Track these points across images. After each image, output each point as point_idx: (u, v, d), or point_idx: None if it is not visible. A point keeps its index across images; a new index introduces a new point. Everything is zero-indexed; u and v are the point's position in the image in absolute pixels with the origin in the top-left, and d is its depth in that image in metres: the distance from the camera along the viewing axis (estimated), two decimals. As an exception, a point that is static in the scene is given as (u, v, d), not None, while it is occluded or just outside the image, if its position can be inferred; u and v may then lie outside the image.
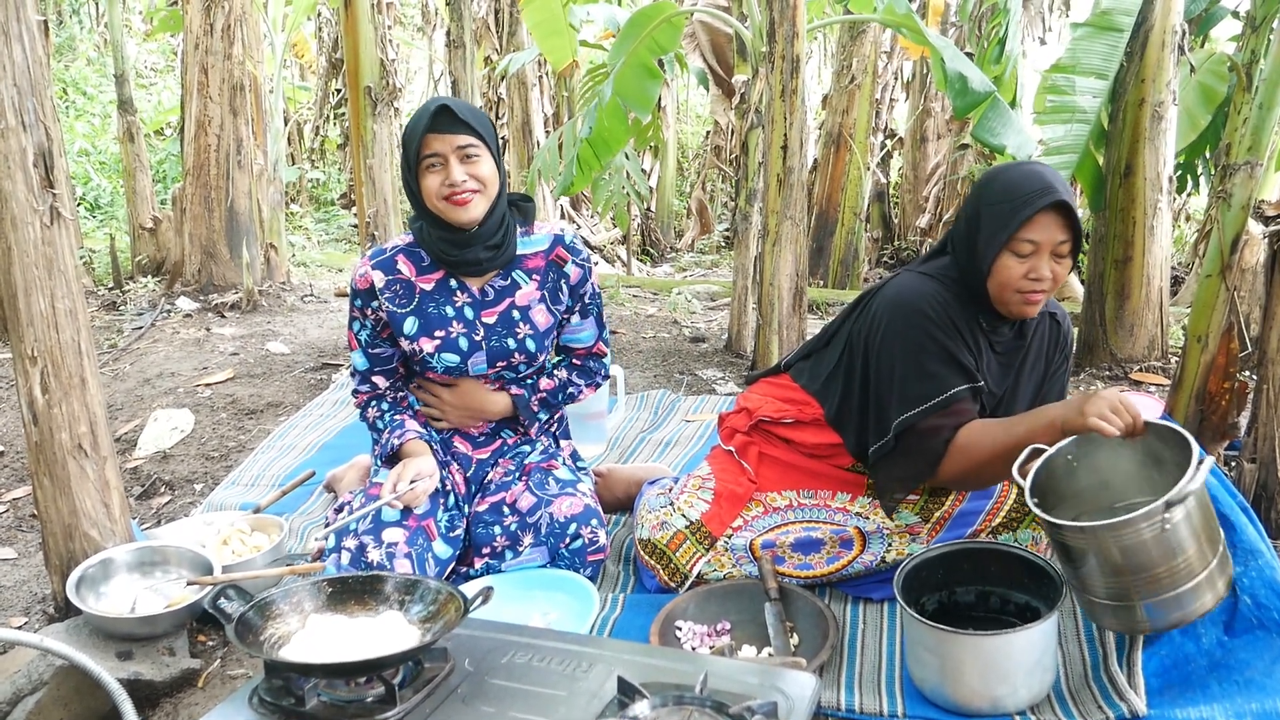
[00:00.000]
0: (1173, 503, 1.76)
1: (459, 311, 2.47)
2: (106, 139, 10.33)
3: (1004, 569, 2.08)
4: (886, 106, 7.57)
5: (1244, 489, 2.69)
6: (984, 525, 2.34)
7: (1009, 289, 2.15)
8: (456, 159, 2.31)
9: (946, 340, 2.19)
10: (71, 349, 2.27)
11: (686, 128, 12.12)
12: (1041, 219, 2.11)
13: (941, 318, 2.20)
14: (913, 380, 2.19)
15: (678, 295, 6.23)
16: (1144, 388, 3.95)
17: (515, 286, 2.51)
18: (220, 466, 3.48)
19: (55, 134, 2.23)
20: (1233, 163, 2.90)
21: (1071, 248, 2.14)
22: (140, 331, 5.30)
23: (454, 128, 2.30)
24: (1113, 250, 4.19)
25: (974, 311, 2.25)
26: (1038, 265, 2.12)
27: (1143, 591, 1.82)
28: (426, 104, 2.34)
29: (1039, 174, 2.14)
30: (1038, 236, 2.11)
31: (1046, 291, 2.15)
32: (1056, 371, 2.41)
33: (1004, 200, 2.14)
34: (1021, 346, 2.33)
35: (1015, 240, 2.12)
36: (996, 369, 2.30)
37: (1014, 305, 2.18)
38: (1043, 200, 2.09)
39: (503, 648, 1.71)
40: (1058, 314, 2.39)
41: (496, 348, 2.49)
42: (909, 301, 2.23)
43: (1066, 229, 2.12)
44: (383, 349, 2.52)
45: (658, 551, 2.41)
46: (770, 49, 3.87)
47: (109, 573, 2.36)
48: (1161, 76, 4.00)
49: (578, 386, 2.67)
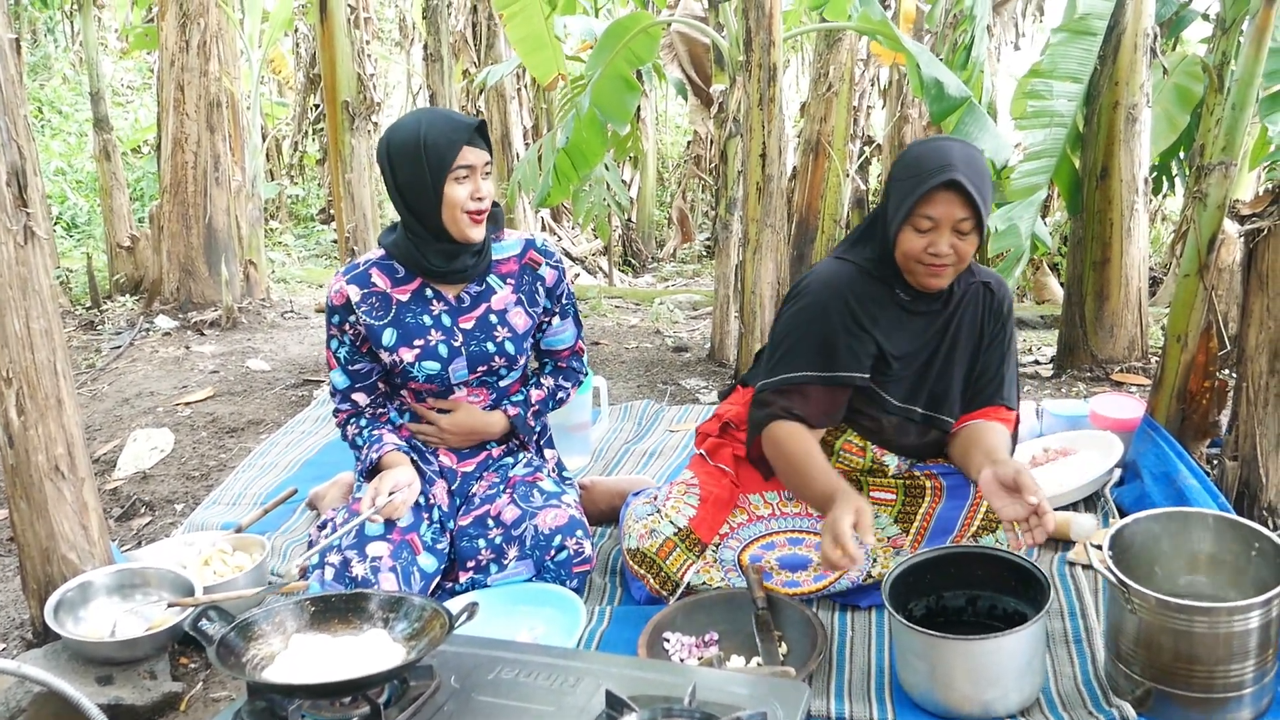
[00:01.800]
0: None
1: (436, 319, 2.47)
2: (83, 157, 10.26)
3: (991, 573, 2.08)
4: (864, 113, 7.59)
5: (1226, 487, 2.69)
6: (962, 532, 2.36)
7: (912, 261, 2.21)
8: (480, 174, 2.37)
9: (826, 326, 2.28)
10: (47, 369, 2.25)
11: (666, 138, 12.13)
12: (939, 196, 2.14)
13: (836, 304, 2.28)
14: (779, 356, 2.33)
15: (660, 305, 6.23)
16: (1125, 388, 3.97)
17: (490, 291, 2.51)
18: (201, 486, 3.45)
19: (29, 152, 2.21)
20: (1207, 163, 2.92)
21: (975, 224, 2.15)
22: (119, 351, 5.26)
23: (484, 145, 2.39)
24: (1091, 252, 4.21)
25: (890, 285, 2.30)
26: (937, 241, 2.17)
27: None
28: (444, 115, 2.39)
29: (942, 151, 2.17)
30: (935, 213, 2.15)
31: (949, 265, 2.19)
32: (992, 342, 2.40)
33: (906, 176, 2.20)
34: (944, 313, 2.35)
35: (914, 216, 2.17)
36: (912, 334, 2.33)
37: (920, 277, 2.24)
38: (937, 179, 2.12)
39: (489, 664, 1.70)
40: (992, 283, 2.40)
41: (476, 352, 2.48)
42: (812, 286, 2.35)
43: (966, 206, 2.13)
44: (362, 365, 2.50)
45: (647, 560, 2.40)
46: (747, 58, 3.87)
47: (88, 596, 2.33)
48: (1135, 79, 4.02)
49: (565, 390, 2.70)
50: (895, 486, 2.46)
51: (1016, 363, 2.45)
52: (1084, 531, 2.55)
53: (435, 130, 2.35)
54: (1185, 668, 1.81)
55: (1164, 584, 2.03)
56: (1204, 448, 3.01)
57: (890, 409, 2.38)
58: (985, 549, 2.17)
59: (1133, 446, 2.96)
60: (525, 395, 2.62)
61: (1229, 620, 1.78)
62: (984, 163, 2.21)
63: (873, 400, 2.37)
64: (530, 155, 5.74)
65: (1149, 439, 2.90)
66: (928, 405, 2.39)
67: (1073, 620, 2.22)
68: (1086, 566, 2.42)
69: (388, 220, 8.84)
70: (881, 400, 2.37)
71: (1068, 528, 2.57)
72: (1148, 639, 1.84)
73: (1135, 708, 1.87)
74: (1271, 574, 1.89)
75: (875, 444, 2.44)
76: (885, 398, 2.36)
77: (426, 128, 2.35)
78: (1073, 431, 3.15)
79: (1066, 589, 2.36)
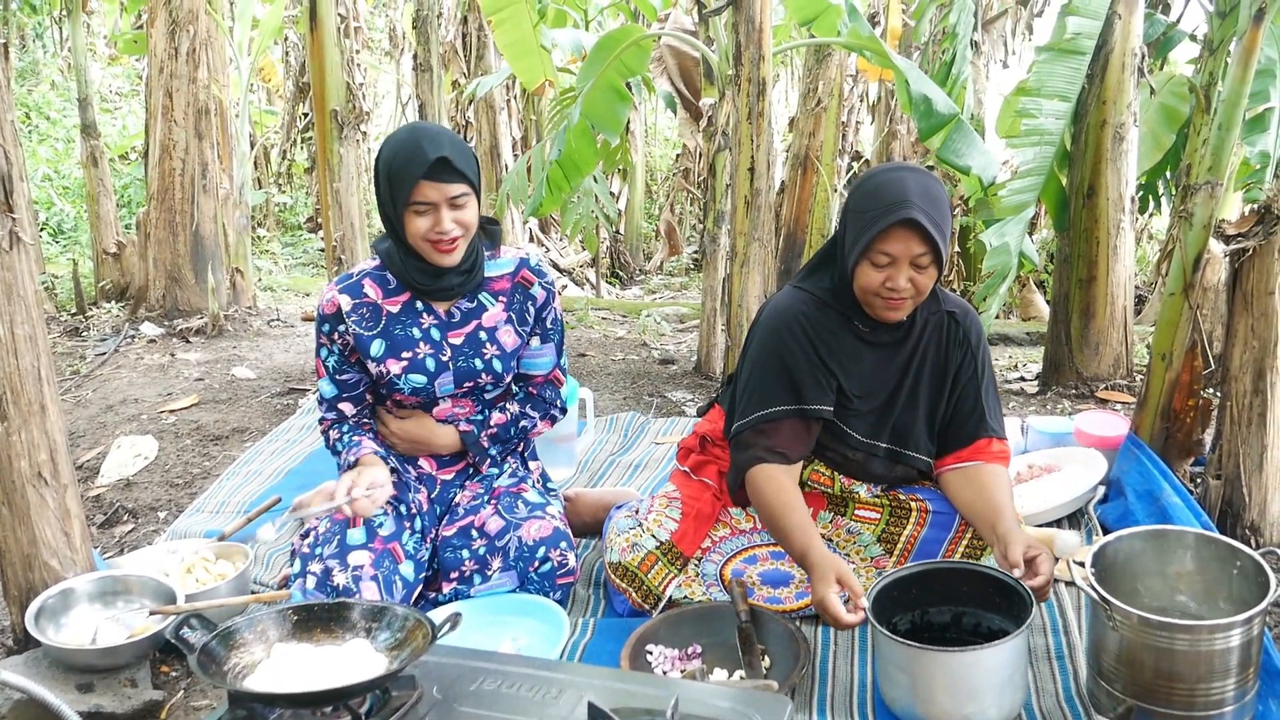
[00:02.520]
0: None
1: (425, 333, 2.46)
2: (70, 164, 10.22)
3: (975, 589, 2.09)
4: (853, 129, 7.62)
5: (1209, 506, 2.71)
6: (947, 555, 2.36)
7: (869, 294, 2.18)
8: (447, 207, 2.29)
9: (789, 359, 2.26)
10: (31, 375, 2.24)
11: (655, 151, 12.16)
12: (896, 232, 2.09)
13: (794, 336, 2.26)
14: (748, 393, 2.31)
15: (647, 318, 6.23)
16: (1110, 406, 3.98)
17: (482, 309, 2.50)
18: (184, 493, 3.44)
19: (15, 157, 2.21)
20: (1193, 183, 2.94)
21: (934, 259, 2.12)
22: (103, 357, 5.23)
23: (450, 177, 2.27)
24: (1077, 270, 4.23)
25: (848, 316, 2.28)
26: (894, 276, 2.13)
27: None
28: (417, 142, 2.27)
29: (899, 184, 2.11)
30: (893, 249, 2.11)
31: (908, 299, 2.17)
32: (966, 373, 2.34)
33: (862, 209, 2.16)
34: (906, 345, 2.32)
35: (872, 251, 2.13)
36: (871, 367, 2.31)
37: (878, 309, 2.22)
38: (894, 216, 2.08)
39: (471, 674, 1.69)
40: (956, 312, 2.36)
41: (464, 368, 2.47)
42: (769, 318, 2.33)
43: (924, 242, 2.10)
44: (350, 375, 2.49)
45: (629, 574, 2.39)
46: (737, 72, 3.89)
47: (69, 603, 2.32)
48: (1122, 98, 4.05)
49: (531, 419, 2.62)
50: (880, 505, 2.45)
51: (996, 392, 2.41)
52: (1067, 548, 2.56)
53: (399, 159, 2.29)
54: (1167, 685, 1.82)
55: (1146, 601, 2.04)
56: (1188, 466, 3.03)
57: (854, 444, 2.35)
58: (972, 565, 2.17)
59: (1116, 464, 2.97)
60: (485, 416, 2.58)
61: (1210, 638, 1.78)
62: (942, 194, 2.17)
63: (836, 436, 2.34)
64: (519, 166, 5.74)
65: (1133, 457, 2.91)
66: (892, 441, 2.36)
67: (1055, 637, 2.23)
68: (1069, 583, 2.42)
69: (375, 229, 8.84)
70: (844, 435, 2.33)
71: (1051, 544, 2.58)
72: (1129, 656, 1.85)
73: None
74: (1253, 592, 1.90)
75: (843, 475, 2.43)
76: (848, 432, 2.33)
77: (395, 153, 2.30)
78: (1057, 448, 3.16)
79: (1050, 605, 2.36)
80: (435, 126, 2.38)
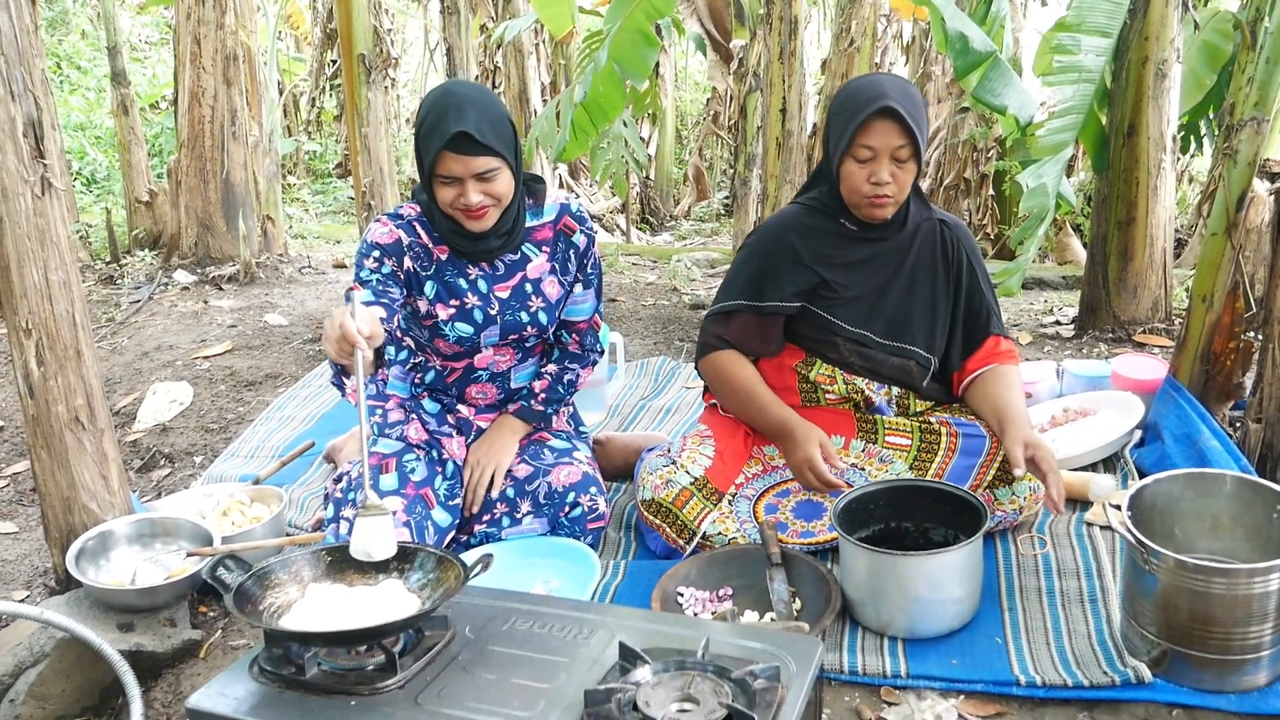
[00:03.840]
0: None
1: (473, 285, 2.43)
2: (101, 113, 10.26)
3: (937, 505, 2.21)
4: (886, 69, 7.50)
5: (1249, 450, 2.67)
6: (978, 480, 2.36)
7: (855, 193, 2.32)
8: (473, 181, 2.22)
9: (762, 262, 2.44)
10: (66, 321, 2.25)
11: (685, 95, 12.03)
12: (876, 125, 2.23)
13: (774, 239, 2.44)
14: (720, 291, 2.52)
15: (677, 263, 6.20)
16: (1147, 349, 3.93)
17: (526, 260, 2.47)
18: (219, 438, 3.47)
19: (46, 104, 2.20)
20: (1238, 120, 2.86)
21: (913, 152, 2.25)
22: (138, 305, 5.28)
23: (473, 149, 2.18)
24: (1115, 211, 4.15)
25: (838, 223, 2.42)
26: (877, 169, 2.26)
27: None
28: (444, 109, 2.18)
29: (875, 83, 2.28)
30: (873, 142, 2.24)
31: (891, 196, 2.30)
32: (968, 278, 2.48)
33: (842, 110, 2.30)
34: (896, 240, 2.44)
35: (854, 146, 2.26)
36: (860, 260, 2.43)
37: (864, 209, 2.35)
38: (872, 106, 2.21)
39: (503, 615, 1.70)
40: (948, 220, 2.50)
41: (510, 321, 2.46)
42: (761, 227, 2.53)
43: (903, 134, 2.22)
44: (393, 290, 2.33)
45: (663, 510, 2.40)
46: (768, 10, 3.82)
47: (109, 545, 2.36)
48: (1165, 34, 3.94)
49: (574, 371, 2.62)
50: (910, 430, 2.46)
51: (993, 293, 2.54)
52: (1102, 492, 2.53)
53: (426, 125, 2.22)
54: (1202, 629, 1.80)
55: (1183, 545, 2.02)
56: (1227, 410, 2.98)
57: (843, 333, 2.44)
58: (929, 482, 2.28)
59: (1154, 408, 2.93)
60: (527, 389, 2.58)
61: (1248, 582, 1.76)
62: (917, 93, 2.31)
63: (826, 328, 2.44)
64: (548, 111, 5.69)
65: (1171, 400, 2.87)
66: (887, 334, 2.45)
67: (1089, 580, 2.21)
68: (1105, 527, 2.41)
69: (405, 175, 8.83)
70: (832, 325, 2.43)
71: (1086, 488, 2.56)
72: (1165, 600, 1.83)
73: (1150, 668, 1.87)
74: None
75: (845, 371, 2.48)
76: (836, 322, 2.43)
77: (424, 118, 2.22)
78: (1093, 392, 3.12)
79: (1083, 549, 2.35)
80: (469, 89, 2.26)
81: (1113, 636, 2.00)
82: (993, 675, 1.92)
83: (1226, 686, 1.83)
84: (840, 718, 1.86)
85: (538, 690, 1.49)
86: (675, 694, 1.42)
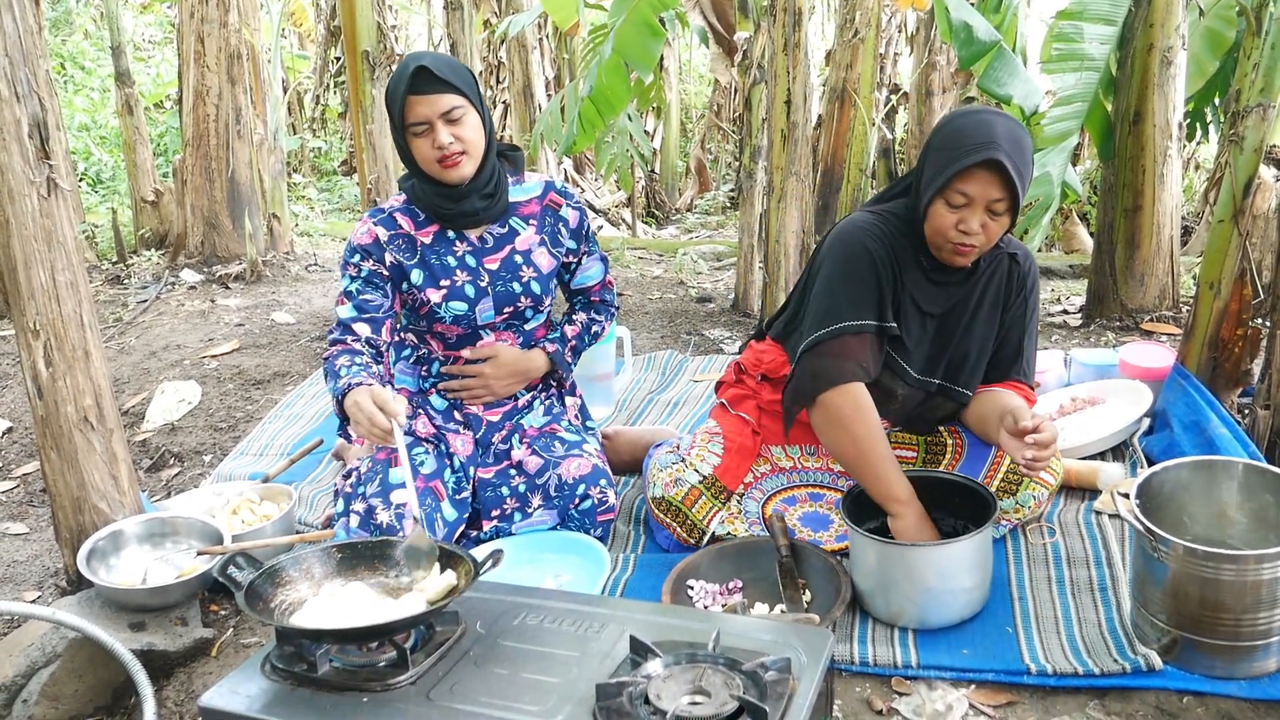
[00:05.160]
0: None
1: (461, 260, 2.46)
2: (106, 113, 10.26)
3: (946, 495, 2.20)
4: (891, 61, 7.48)
5: (1257, 436, 2.66)
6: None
7: (940, 236, 2.14)
8: (442, 123, 2.30)
9: (866, 274, 2.20)
10: (74, 321, 2.26)
11: (690, 88, 12.00)
12: (978, 173, 2.05)
13: (871, 251, 2.20)
14: (825, 305, 2.23)
15: (683, 256, 6.19)
16: (1155, 337, 3.92)
17: (514, 233, 2.52)
18: (228, 437, 3.48)
19: (51, 105, 2.21)
20: (1244, 106, 2.85)
21: (1009, 206, 2.08)
22: (145, 305, 5.29)
23: (434, 87, 2.27)
24: (1122, 199, 4.14)
25: (916, 248, 2.24)
26: (968, 218, 2.09)
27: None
28: (405, 61, 2.31)
29: (987, 126, 2.07)
30: (971, 190, 2.07)
31: (977, 246, 2.13)
32: (1015, 313, 2.33)
33: (946, 147, 2.11)
34: (966, 284, 2.28)
35: (949, 190, 2.09)
36: (931, 299, 2.27)
37: (945, 253, 2.18)
38: (978, 155, 2.03)
39: (514, 610, 1.71)
40: (1019, 254, 2.33)
41: (503, 293, 2.48)
42: (844, 233, 2.26)
43: (1004, 188, 2.05)
44: (373, 296, 2.42)
45: (673, 509, 2.40)
46: (772, 2, 3.81)
47: (119, 545, 2.36)
48: (1170, 21, 3.93)
49: (599, 323, 2.73)
50: (916, 444, 2.45)
51: (1036, 343, 2.39)
52: (1111, 480, 2.53)
53: (390, 84, 2.35)
54: (1212, 616, 1.80)
55: (1193, 532, 2.02)
56: (1235, 396, 2.98)
57: (910, 380, 2.31)
58: (938, 473, 2.25)
59: (1162, 395, 2.93)
60: (560, 332, 2.64)
61: (1257, 568, 1.76)
62: (1028, 142, 2.11)
63: (891, 371, 2.30)
64: (553, 106, 5.68)
65: (1179, 388, 2.86)
66: (945, 376, 2.33)
67: (1098, 569, 2.21)
68: (1114, 515, 2.40)
69: (410, 173, 8.81)
70: (901, 371, 2.29)
71: (1095, 477, 2.55)
72: (1175, 587, 1.83)
73: (1161, 655, 1.87)
74: None
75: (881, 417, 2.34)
76: (905, 368, 2.29)
77: (390, 82, 2.35)
78: (1101, 381, 3.11)
79: (1093, 538, 2.34)
80: (427, 51, 2.42)
81: (1123, 624, 2.00)
82: (1003, 664, 1.92)
83: (1237, 673, 1.83)
84: (852, 709, 1.86)
85: (549, 685, 1.50)
86: (687, 687, 1.43)
